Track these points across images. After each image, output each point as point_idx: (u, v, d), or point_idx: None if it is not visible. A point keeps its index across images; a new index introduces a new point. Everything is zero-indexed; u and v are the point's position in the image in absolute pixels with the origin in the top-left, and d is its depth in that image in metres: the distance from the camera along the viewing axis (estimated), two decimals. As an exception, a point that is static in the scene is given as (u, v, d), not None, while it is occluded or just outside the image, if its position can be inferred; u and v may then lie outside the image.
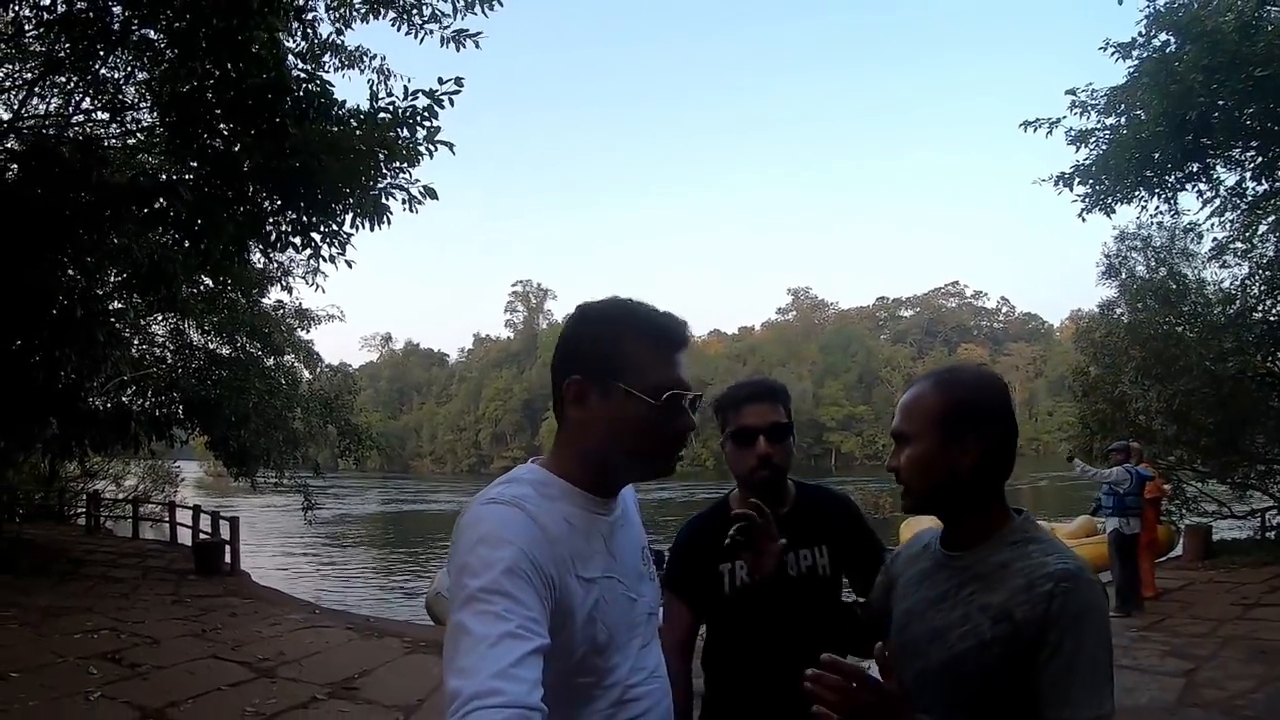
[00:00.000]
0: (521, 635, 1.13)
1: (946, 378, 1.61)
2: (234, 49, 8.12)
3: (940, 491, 1.57)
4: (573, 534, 1.35)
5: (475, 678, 1.08)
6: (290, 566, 22.33)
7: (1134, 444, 10.34)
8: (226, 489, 31.33)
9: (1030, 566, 1.45)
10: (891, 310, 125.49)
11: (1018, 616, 1.41)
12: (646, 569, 1.57)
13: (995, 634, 1.43)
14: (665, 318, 1.46)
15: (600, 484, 1.45)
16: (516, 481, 1.40)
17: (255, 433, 16.79)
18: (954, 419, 1.54)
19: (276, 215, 9.51)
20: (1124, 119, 11.28)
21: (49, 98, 11.42)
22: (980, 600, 1.48)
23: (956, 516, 1.59)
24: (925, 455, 1.56)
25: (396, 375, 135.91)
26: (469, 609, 1.16)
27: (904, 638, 1.63)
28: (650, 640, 1.53)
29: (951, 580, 1.57)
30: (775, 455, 2.22)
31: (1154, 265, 14.80)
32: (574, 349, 1.45)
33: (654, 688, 1.48)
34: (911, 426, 1.58)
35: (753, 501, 2.01)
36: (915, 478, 1.58)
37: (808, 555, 2.23)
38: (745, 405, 2.25)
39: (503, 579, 1.18)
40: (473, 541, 1.25)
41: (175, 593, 12.25)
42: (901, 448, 1.60)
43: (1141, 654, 7.47)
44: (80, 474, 21.98)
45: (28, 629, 9.07)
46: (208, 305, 15.71)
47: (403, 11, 9.94)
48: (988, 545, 1.54)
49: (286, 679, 7.62)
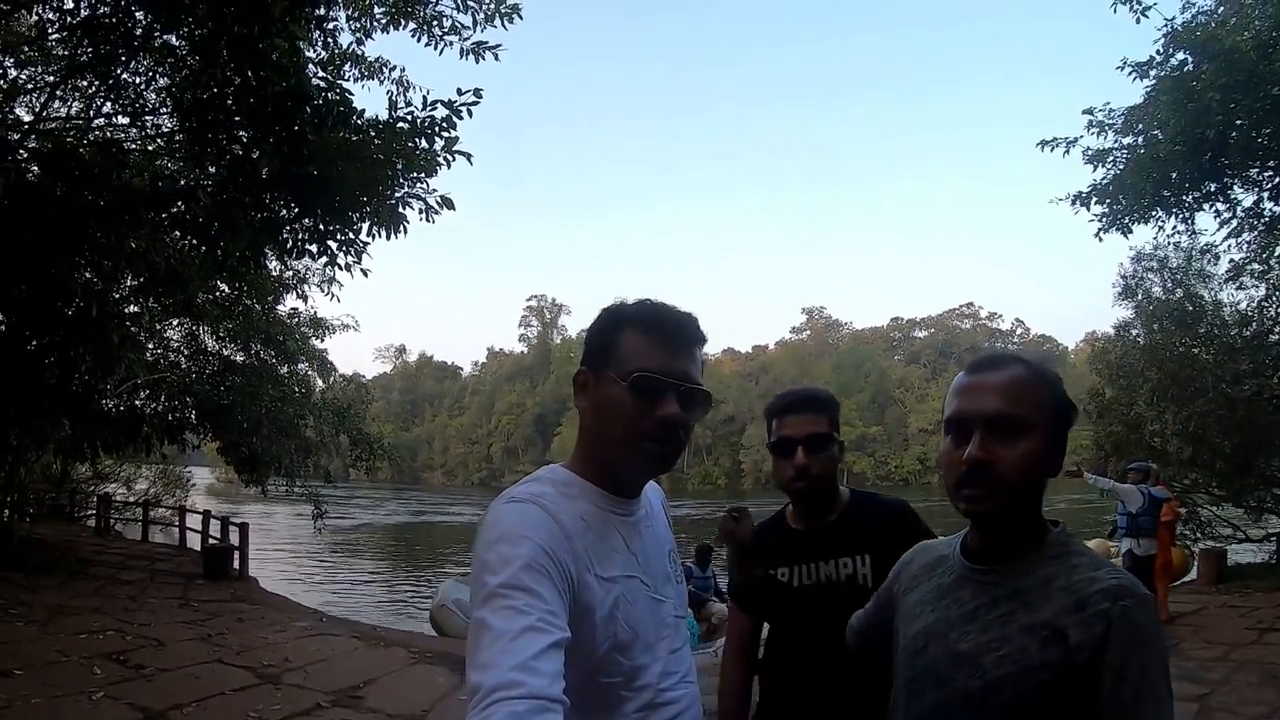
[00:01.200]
0: (541, 629, 1.14)
1: (1043, 370, 1.42)
2: (254, 56, 8.19)
3: (1034, 494, 1.38)
4: (589, 532, 1.35)
5: (496, 671, 1.08)
6: (299, 574, 22.36)
7: (1152, 465, 10.28)
8: (238, 495, 31.48)
9: (1079, 583, 1.30)
10: (905, 330, 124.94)
11: (1071, 639, 1.26)
12: (674, 571, 1.57)
13: (1044, 658, 1.27)
14: (672, 311, 1.47)
15: (616, 482, 1.46)
16: (537, 480, 1.42)
17: (267, 439, 16.86)
18: (1063, 418, 1.39)
19: (294, 222, 9.56)
20: (1141, 138, 11.23)
21: (71, 101, 11.57)
22: (1022, 620, 1.32)
23: (1010, 526, 1.39)
24: (1044, 451, 1.35)
25: (409, 387, 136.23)
26: (489, 605, 1.17)
27: (919, 662, 1.45)
28: (682, 645, 1.52)
29: (980, 597, 1.39)
30: (813, 466, 2.18)
31: (1170, 286, 14.76)
32: (586, 343, 1.49)
33: (685, 692, 1.47)
34: (1032, 415, 1.35)
35: (732, 508, 2.06)
36: (1023, 475, 1.34)
37: (848, 563, 2.19)
38: (785, 415, 2.24)
39: (522, 574, 1.19)
40: (492, 539, 1.26)
41: (182, 596, 12.25)
42: (1009, 437, 1.34)
43: (1157, 678, 7.36)
44: (92, 476, 22.13)
45: (34, 627, 9.08)
46: (223, 311, 15.79)
47: (423, 23, 10.03)
48: (1026, 559, 1.38)
49: (291, 685, 7.60)
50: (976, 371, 1.43)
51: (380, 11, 10.28)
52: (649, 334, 1.43)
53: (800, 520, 2.30)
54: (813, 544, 2.23)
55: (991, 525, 1.41)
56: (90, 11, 9.13)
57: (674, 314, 1.47)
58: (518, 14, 9.68)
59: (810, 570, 2.21)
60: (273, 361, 18.36)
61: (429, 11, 9.96)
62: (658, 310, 1.46)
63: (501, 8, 9.59)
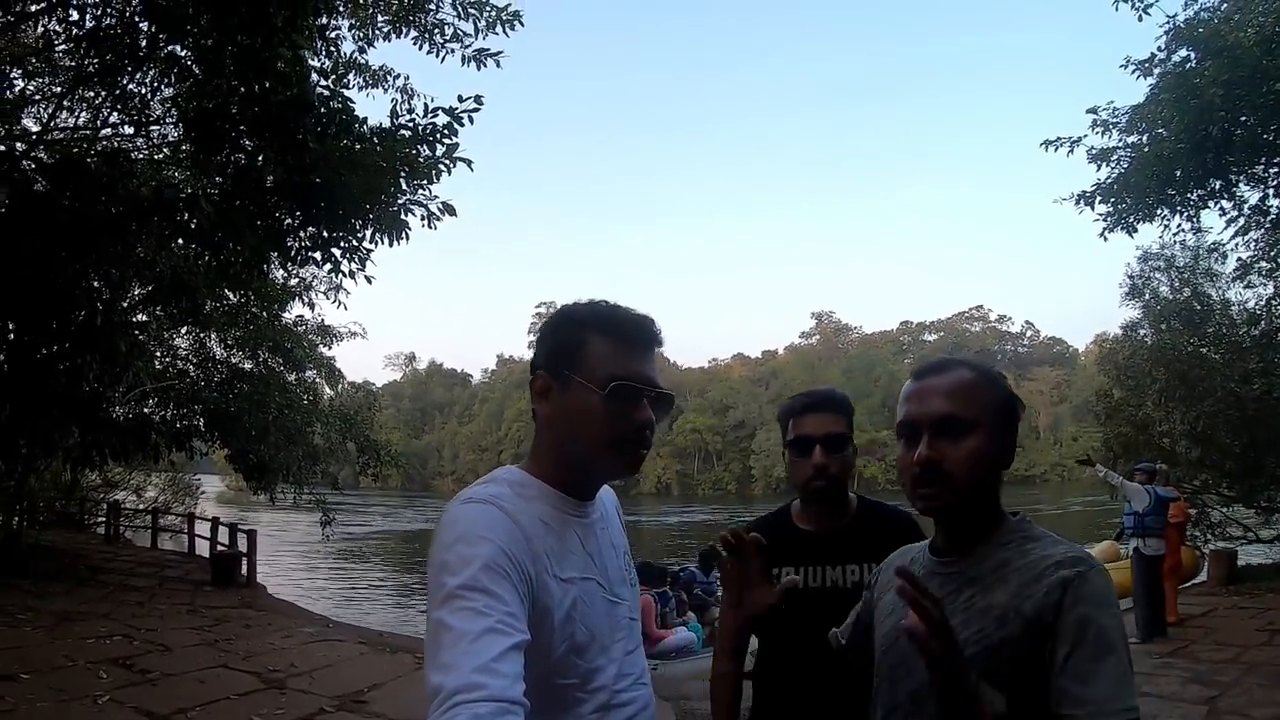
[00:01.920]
0: (502, 630, 1.14)
1: (991, 372, 1.50)
2: (258, 66, 8.25)
3: (981, 490, 1.43)
4: (548, 534, 1.35)
5: (457, 673, 1.08)
6: (308, 581, 22.36)
7: (1161, 466, 10.20)
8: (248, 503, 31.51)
9: (1033, 561, 1.35)
10: (915, 334, 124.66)
11: (1027, 610, 1.30)
12: (629, 575, 1.57)
13: (1003, 635, 1.31)
14: (629, 313, 1.47)
15: (574, 485, 1.46)
16: (494, 482, 1.42)
17: (274, 447, 16.95)
18: (1008, 413, 1.46)
19: (298, 230, 9.61)
20: (1145, 137, 11.17)
21: (78, 111, 11.64)
22: (980, 603, 1.37)
23: (965, 518, 1.46)
24: (987, 448, 1.41)
25: (419, 394, 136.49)
26: (448, 606, 1.16)
27: (891, 658, 1.51)
28: (635, 647, 1.52)
29: (945, 588, 1.43)
30: (831, 465, 2.17)
31: (1177, 286, 14.71)
32: (541, 345, 1.48)
33: (640, 693, 1.47)
34: (974, 414, 1.42)
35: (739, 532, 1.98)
36: (969, 473, 1.40)
37: (855, 571, 2.17)
38: (804, 414, 2.23)
39: (481, 575, 1.19)
40: (450, 540, 1.25)
41: (190, 602, 12.32)
42: (954, 436, 1.41)
43: (1163, 681, 7.27)
44: (101, 484, 22.21)
45: (41, 632, 9.13)
46: (229, 319, 15.86)
47: (424, 31, 10.09)
48: (984, 547, 1.44)
49: (296, 690, 7.63)
50: (923, 377, 1.50)
51: (382, 20, 10.34)
52: (614, 339, 1.43)
53: (809, 521, 2.28)
54: (822, 547, 2.22)
55: (949, 520, 1.48)
56: (96, 23, 9.21)
57: (636, 317, 1.47)
58: (519, 21, 9.76)
59: (816, 573, 2.19)
60: (280, 369, 18.42)
61: (430, 20, 10.02)
62: (619, 314, 1.46)
63: (502, 15, 9.64)
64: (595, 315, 1.46)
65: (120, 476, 22.57)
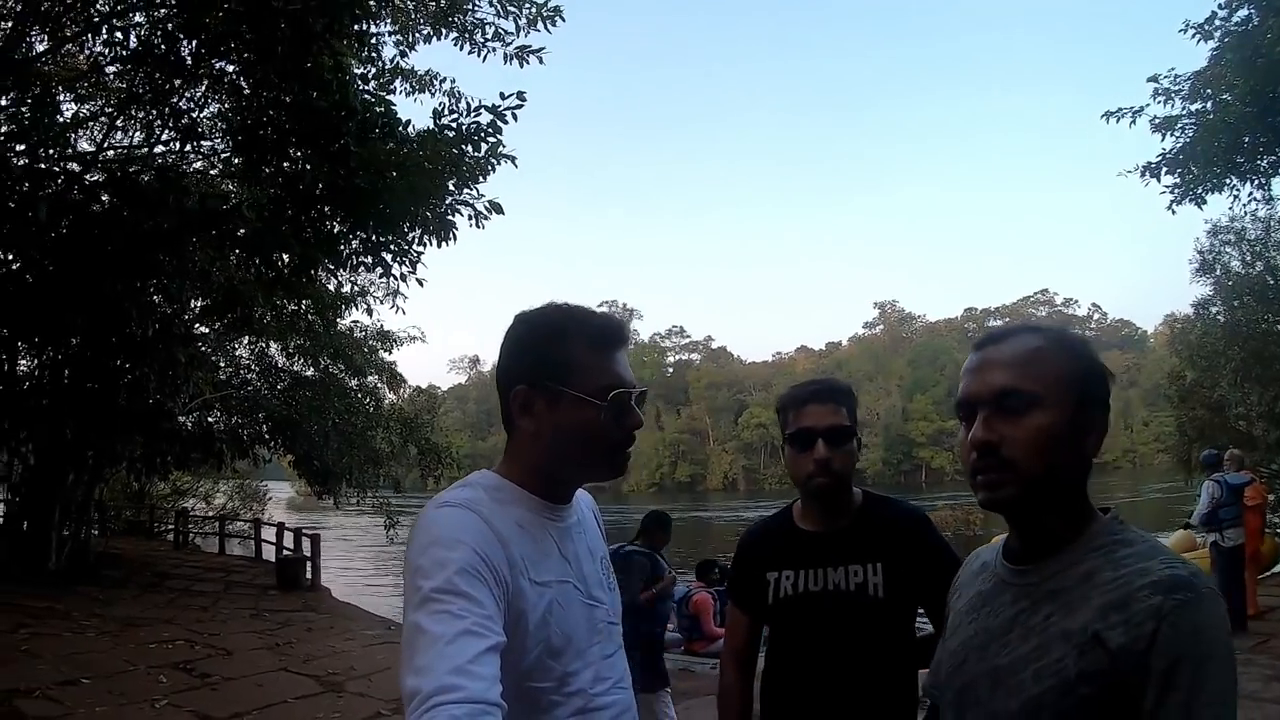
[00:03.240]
0: (478, 633, 1.14)
1: (1067, 338, 1.27)
2: (301, 75, 8.39)
3: (1053, 477, 1.19)
4: (524, 537, 1.35)
5: (433, 675, 1.07)
6: (372, 583, 22.67)
7: (1233, 450, 9.76)
8: (316, 507, 32.10)
9: (1125, 577, 1.12)
10: (980, 321, 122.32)
11: (1112, 643, 1.07)
12: (607, 578, 1.55)
13: (1083, 668, 1.09)
14: (603, 318, 1.47)
15: (552, 489, 1.46)
16: (469, 486, 1.41)
17: (337, 452, 17.21)
18: (1088, 387, 1.22)
19: (347, 235, 9.72)
20: (1209, 103, 10.69)
21: (131, 131, 11.96)
22: (1059, 625, 1.14)
23: (1040, 516, 1.22)
24: (1055, 426, 1.18)
25: (484, 396, 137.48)
26: (424, 609, 1.16)
27: (957, 680, 1.30)
28: (615, 650, 1.50)
29: (1020, 602, 1.23)
30: (834, 460, 2.03)
31: (1249, 260, 14.17)
32: (516, 359, 1.45)
33: (619, 697, 1.45)
34: (1038, 387, 1.19)
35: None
36: (1034, 454, 1.18)
37: (859, 572, 2.04)
38: (805, 405, 2.09)
39: (456, 579, 1.19)
40: (425, 544, 1.25)
41: (254, 607, 12.56)
42: (1014, 414, 1.20)
43: (1245, 679, 6.88)
44: (170, 492, 22.85)
45: (105, 638, 9.34)
46: (286, 327, 16.13)
47: (464, 31, 10.11)
48: (1067, 553, 1.20)
49: (354, 693, 7.69)
50: (983, 347, 1.28)
51: (422, 22, 10.40)
52: (597, 346, 1.42)
53: (811, 521, 2.15)
54: (823, 548, 2.09)
55: (1019, 516, 1.25)
56: (141, 43, 9.43)
57: (609, 321, 1.47)
58: (560, 16, 9.72)
59: (818, 576, 2.07)
60: (341, 375, 18.71)
61: (470, 20, 10.04)
62: (595, 320, 1.45)
63: (543, 11, 9.62)
64: (572, 324, 1.43)
65: (189, 484, 23.23)
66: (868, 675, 1.98)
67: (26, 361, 13.25)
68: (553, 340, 1.42)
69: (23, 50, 9.53)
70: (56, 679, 7.27)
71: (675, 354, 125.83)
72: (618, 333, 1.46)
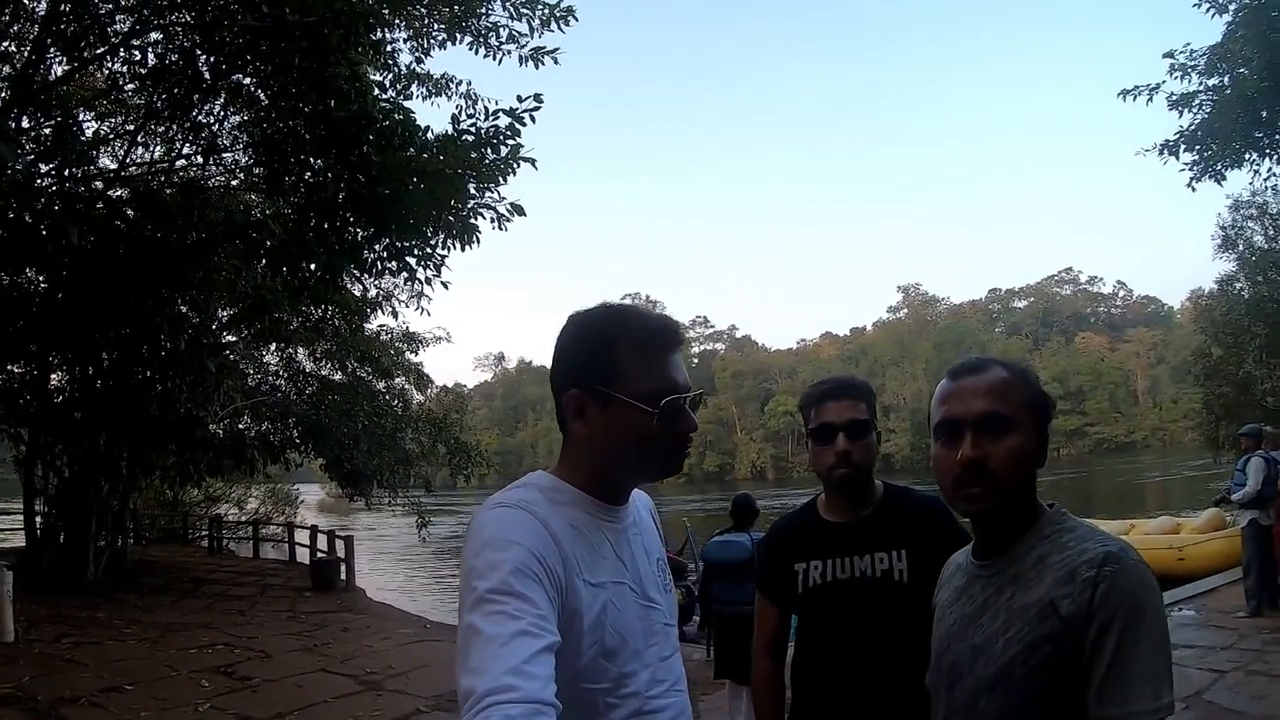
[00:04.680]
0: (533, 633, 1.13)
1: (1026, 371, 1.50)
2: (319, 86, 8.46)
3: (1023, 489, 1.43)
4: (578, 538, 1.34)
5: (488, 676, 1.07)
6: (406, 582, 22.81)
7: (1267, 428, 9.65)
8: (348, 509, 32.31)
9: (1068, 556, 1.34)
10: (1004, 302, 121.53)
11: (1063, 610, 1.29)
12: (663, 579, 1.55)
13: (1043, 632, 1.31)
14: (656, 320, 1.45)
15: (607, 490, 1.45)
16: (525, 487, 1.41)
17: (367, 454, 17.35)
18: (1042, 411, 1.45)
19: (370, 242, 9.82)
20: (1226, 78, 10.55)
21: (152, 146, 12.12)
22: (1021, 600, 1.36)
23: (1004, 518, 1.44)
24: (1026, 446, 1.41)
25: (510, 393, 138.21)
26: (479, 610, 1.16)
27: (945, 661, 1.51)
28: (672, 653, 1.49)
29: (987, 590, 1.45)
30: (855, 452, 2.13)
31: (1272, 234, 13.96)
32: (569, 362, 1.44)
33: (675, 700, 1.44)
34: (1012, 412, 1.41)
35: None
36: (1011, 472, 1.40)
37: (884, 559, 2.12)
38: (825, 402, 2.19)
39: (511, 579, 1.18)
40: (480, 545, 1.25)
41: (291, 609, 12.71)
42: (995, 435, 1.40)
43: (1274, 658, 6.79)
44: (203, 499, 23.18)
45: (145, 644, 9.52)
46: (313, 333, 16.27)
47: (479, 35, 10.16)
48: (1021, 545, 1.42)
49: (392, 691, 7.79)
50: (959, 377, 1.49)
51: (437, 28, 10.44)
52: (649, 350, 1.41)
53: (835, 512, 2.23)
54: (848, 537, 2.17)
55: (990, 522, 1.46)
56: (159, 60, 9.56)
57: (662, 323, 1.45)
58: (572, 16, 9.77)
59: (845, 564, 2.14)
60: (369, 378, 18.89)
61: (484, 24, 10.09)
62: (647, 322, 1.44)
63: (555, 12, 9.67)
64: (624, 327, 1.42)
65: (221, 491, 23.50)
66: (896, 658, 2.02)
67: (59, 376, 13.52)
68: (603, 343, 1.41)
69: (42, 73, 9.68)
70: (100, 686, 7.43)
71: (700, 344, 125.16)
72: (670, 334, 1.44)
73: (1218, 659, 6.73)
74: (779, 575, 2.25)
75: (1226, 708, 5.67)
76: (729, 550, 5.53)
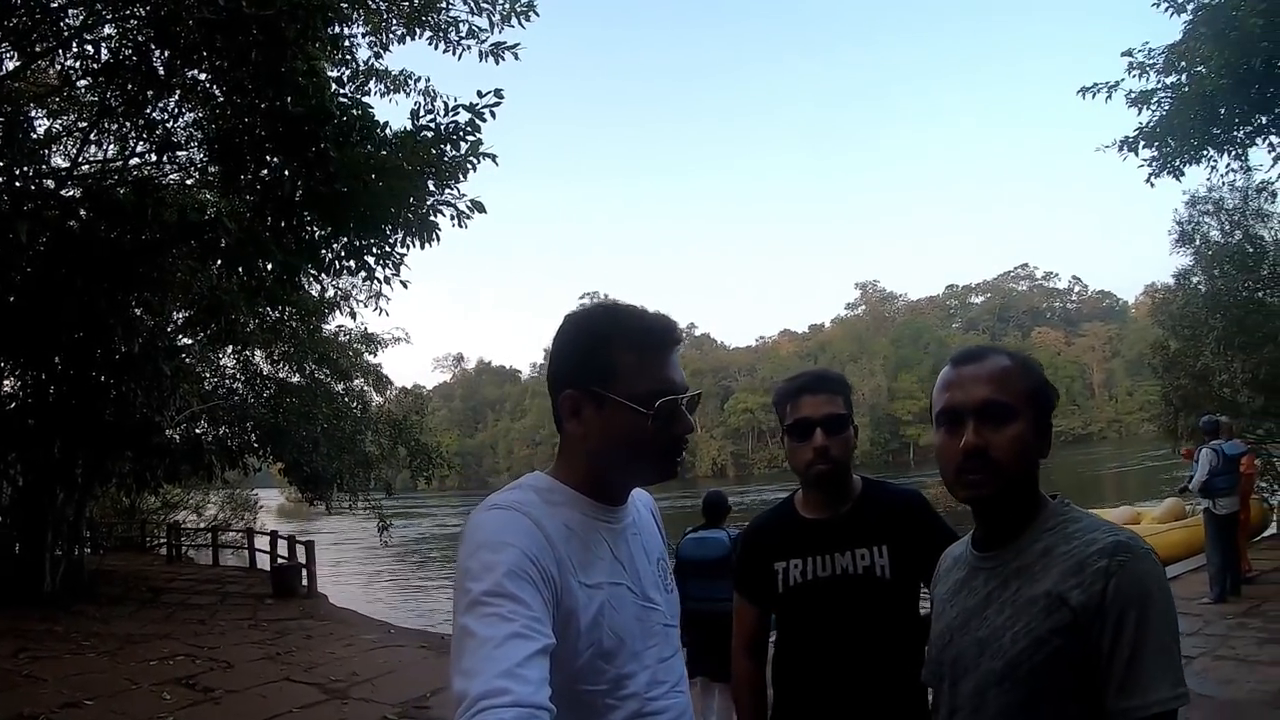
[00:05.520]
0: (526, 635, 1.12)
1: (1023, 358, 1.49)
2: (275, 81, 8.28)
3: (1026, 478, 1.42)
4: (573, 539, 1.33)
5: (481, 678, 1.06)
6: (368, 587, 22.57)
7: (1223, 419, 9.84)
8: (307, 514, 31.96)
9: (1075, 548, 1.32)
10: (962, 298, 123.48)
11: (1074, 601, 1.28)
12: (663, 579, 1.53)
13: (1052, 625, 1.30)
14: (653, 319, 1.43)
15: (604, 491, 1.44)
16: (519, 488, 1.40)
17: (326, 457, 17.12)
18: (1044, 400, 1.45)
19: (328, 241, 9.65)
20: (1184, 76, 10.71)
21: (105, 144, 11.83)
22: (1028, 593, 1.35)
23: (999, 510, 1.44)
24: (1028, 435, 1.41)
25: (470, 393, 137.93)
26: (473, 612, 1.15)
27: (947, 656, 1.49)
28: (672, 653, 1.48)
29: (991, 583, 1.43)
30: (833, 447, 2.09)
31: (1228, 229, 14.21)
32: (564, 362, 1.43)
33: (675, 701, 1.43)
34: (1014, 400, 1.41)
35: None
36: (1014, 460, 1.39)
37: (865, 555, 2.09)
38: (801, 397, 2.14)
39: (505, 581, 1.17)
40: (474, 546, 1.24)
41: (252, 617, 12.50)
42: (998, 423, 1.40)
43: (1239, 643, 7.00)
44: (161, 506, 22.73)
45: (105, 657, 9.28)
46: (271, 334, 16.04)
47: (439, 30, 10.04)
48: (1025, 537, 1.41)
49: (358, 699, 7.65)
50: (961, 364, 1.49)
51: (396, 23, 10.32)
52: (645, 349, 1.40)
53: (813, 509, 2.19)
54: (828, 534, 2.13)
55: (991, 511, 1.46)
56: (113, 55, 9.31)
57: (659, 321, 1.43)
58: (533, 11, 9.70)
59: (826, 562, 2.11)
60: (328, 380, 18.64)
61: (443, 18, 9.98)
62: (643, 321, 1.42)
63: (516, 7, 9.59)
64: (619, 326, 1.41)
65: (179, 497, 23.11)
66: (879, 654, 2.03)
67: (11, 382, 13.16)
68: (598, 343, 1.40)
69: (-9, 69, 9.42)
70: (60, 702, 7.22)
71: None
72: (666, 334, 1.43)
73: (1185, 645, 6.71)
74: (758, 574, 2.21)
75: (1197, 692, 5.72)
76: (705, 547, 5.51)
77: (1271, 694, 5.81)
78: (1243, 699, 5.74)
